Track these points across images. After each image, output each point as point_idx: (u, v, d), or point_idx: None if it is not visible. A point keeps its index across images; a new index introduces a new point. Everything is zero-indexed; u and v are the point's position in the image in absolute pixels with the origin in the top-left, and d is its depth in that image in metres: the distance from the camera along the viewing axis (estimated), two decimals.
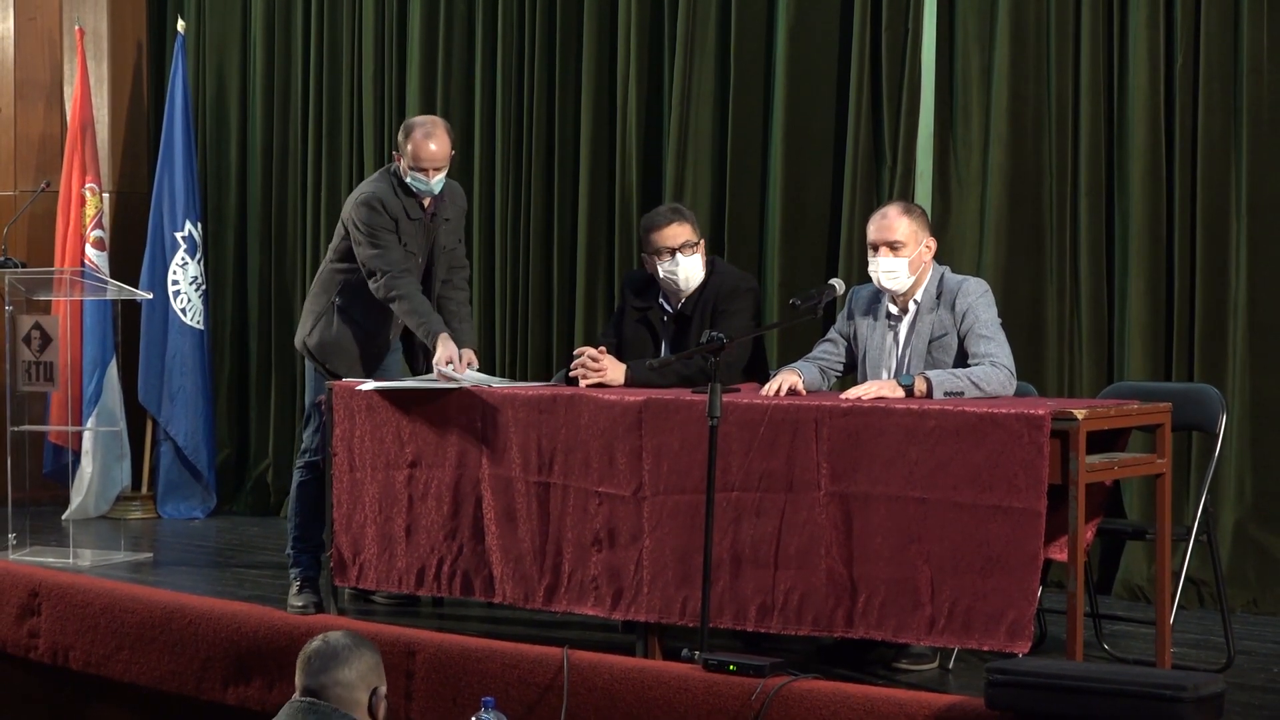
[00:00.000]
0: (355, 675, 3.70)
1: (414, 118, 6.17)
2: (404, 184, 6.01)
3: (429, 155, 5.94)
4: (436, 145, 5.95)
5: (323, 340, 6.14)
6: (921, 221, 5.25)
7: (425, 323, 5.87)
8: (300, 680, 3.72)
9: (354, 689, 3.69)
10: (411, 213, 6.01)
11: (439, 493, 5.57)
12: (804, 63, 7.10)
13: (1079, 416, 4.53)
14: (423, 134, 5.95)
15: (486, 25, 8.09)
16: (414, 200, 6.02)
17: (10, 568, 6.54)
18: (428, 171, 5.95)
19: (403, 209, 5.99)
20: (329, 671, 3.69)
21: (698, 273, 5.58)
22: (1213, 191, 6.24)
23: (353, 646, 3.74)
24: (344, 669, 3.69)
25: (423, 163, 5.94)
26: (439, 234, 6.11)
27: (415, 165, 5.95)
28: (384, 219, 5.95)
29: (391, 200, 5.99)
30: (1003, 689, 4.05)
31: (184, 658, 5.70)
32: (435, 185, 5.99)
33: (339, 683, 3.68)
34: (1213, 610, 5.85)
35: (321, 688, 3.68)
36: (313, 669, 3.71)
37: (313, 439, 6.13)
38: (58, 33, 9.21)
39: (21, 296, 7.57)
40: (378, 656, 3.80)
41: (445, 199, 6.11)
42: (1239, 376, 6.20)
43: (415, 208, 6.03)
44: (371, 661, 3.76)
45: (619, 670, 4.83)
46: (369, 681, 3.73)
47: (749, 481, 4.95)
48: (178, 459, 8.66)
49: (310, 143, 8.80)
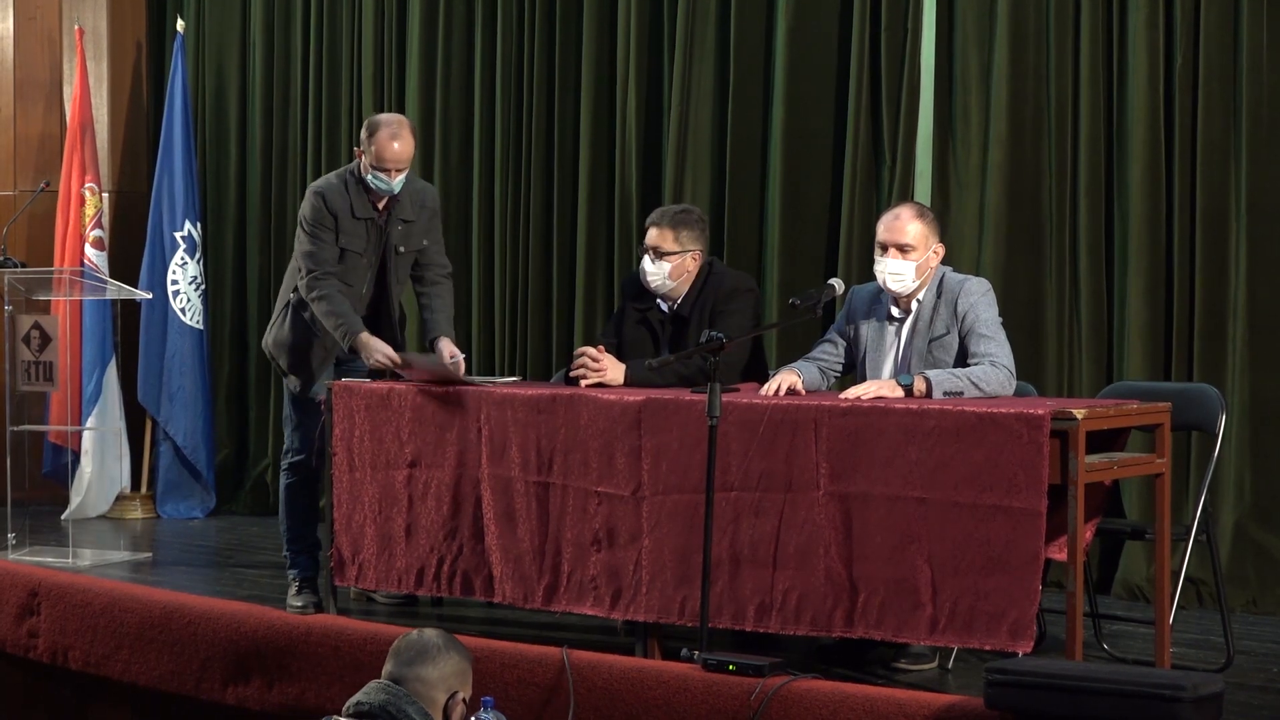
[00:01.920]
0: (437, 675, 3.81)
1: (379, 115, 6.08)
2: (361, 181, 5.96)
3: (392, 155, 5.88)
4: (400, 145, 5.89)
5: (276, 338, 6.12)
6: (933, 226, 5.23)
7: (343, 323, 5.85)
8: (387, 667, 3.84)
9: (433, 688, 3.79)
10: (358, 210, 5.95)
11: (439, 492, 5.57)
12: (804, 63, 7.10)
13: (1079, 416, 4.53)
14: (388, 134, 5.88)
15: (486, 25, 8.10)
16: (365, 199, 5.97)
17: (10, 567, 6.54)
18: (390, 171, 5.89)
19: (349, 206, 5.94)
20: (414, 665, 3.80)
21: (661, 279, 5.56)
22: (1212, 191, 6.24)
23: (443, 647, 3.85)
24: (428, 666, 3.80)
25: (385, 163, 5.88)
26: (393, 235, 6.03)
27: (377, 164, 5.89)
28: (323, 214, 5.92)
29: (337, 195, 5.95)
30: (1002, 689, 4.05)
31: (183, 657, 5.70)
32: (395, 185, 5.92)
33: (420, 678, 3.79)
34: (1212, 610, 5.85)
35: (404, 679, 3.79)
36: (401, 659, 3.83)
37: (292, 439, 6.12)
38: (57, 32, 9.21)
39: (21, 296, 7.57)
40: (468, 664, 3.90)
41: (405, 200, 6.03)
42: (1238, 376, 6.20)
43: (365, 206, 5.96)
44: (458, 666, 3.86)
45: (618, 670, 4.83)
46: (450, 684, 3.83)
47: (748, 481, 4.95)
48: (177, 459, 8.66)
49: (310, 143, 8.80)
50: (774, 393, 5.05)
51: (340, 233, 5.93)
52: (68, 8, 9.19)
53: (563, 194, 7.83)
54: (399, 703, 3.72)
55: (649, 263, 5.58)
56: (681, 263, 5.57)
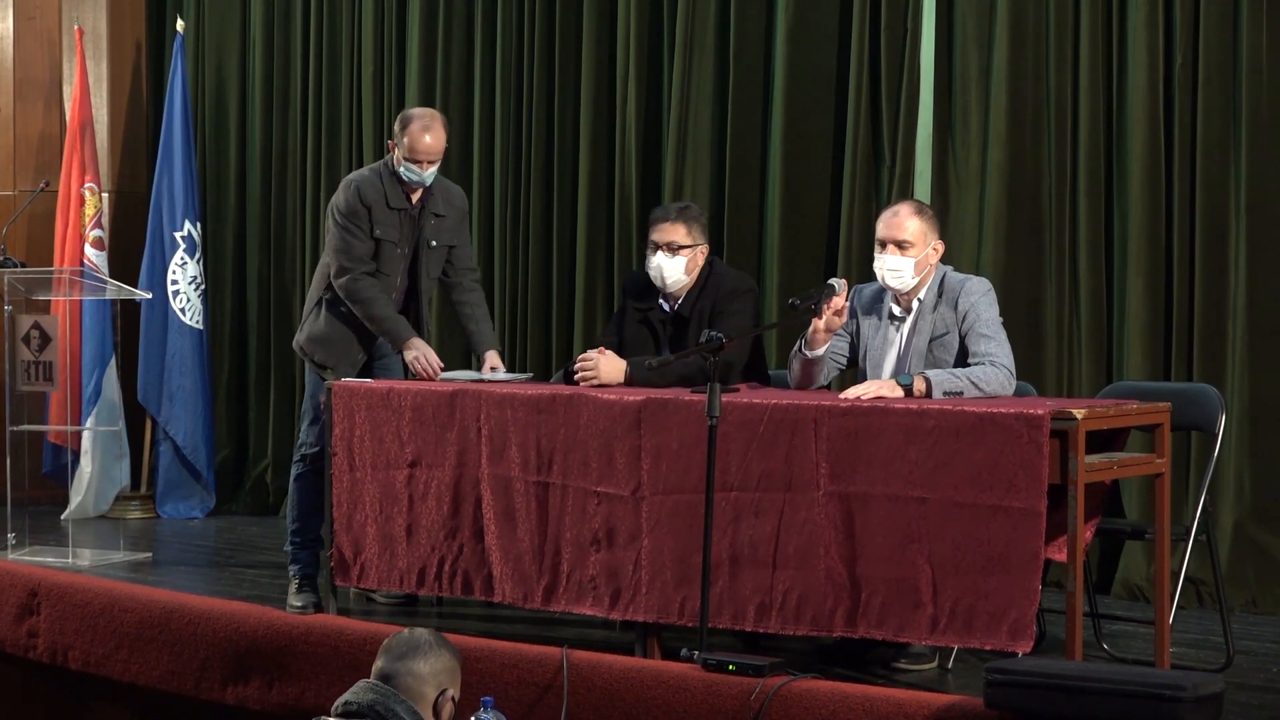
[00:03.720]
0: (428, 670, 3.81)
1: (412, 109, 6.22)
2: (395, 174, 6.06)
3: (424, 148, 5.98)
4: (433, 138, 6.00)
5: (310, 334, 6.19)
6: (932, 223, 5.24)
7: (391, 329, 6.01)
8: (376, 664, 3.85)
9: (424, 683, 3.80)
10: (393, 201, 6.06)
11: (439, 492, 5.57)
12: (803, 63, 7.10)
13: (1078, 416, 4.52)
14: (420, 126, 5.99)
15: (486, 25, 8.10)
16: (400, 190, 6.07)
17: (9, 567, 6.54)
18: (422, 164, 6.00)
19: (383, 196, 6.05)
20: (404, 660, 3.81)
21: (677, 275, 5.57)
22: (1212, 191, 6.24)
23: (434, 644, 3.86)
24: (419, 662, 3.81)
25: (418, 155, 5.98)
26: (426, 228, 6.13)
27: (410, 156, 5.99)
28: (357, 205, 6.02)
29: (371, 186, 6.05)
30: (1001, 689, 4.05)
31: (183, 657, 5.70)
32: (427, 177, 6.04)
33: (411, 673, 3.79)
34: (1212, 610, 5.85)
35: (394, 673, 3.80)
36: (392, 654, 3.84)
37: (308, 433, 6.15)
38: (57, 32, 9.21)
39: (21, 296, 7.57)
40: (457, 662, 3.91)
41: (437, 195, 6.14)
42: (1238, 376, 6.20)
43: (400, 197, 6.07)
44: (448, 664, 3.87)
45: (618, 670, 4.83)
46: (440, 681, 3.83)
47: (748, 481, 4.94)
48: (177, 459, 8.66)
49: (310, 143, 8.80)
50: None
51: (375, 223, 6.04)
52: (67, 8, 9.19)
53: (563, 194, 7.83)
54: (388, 702, 3.72)
55: (664, 259, 5.56)
56: (693, 257, 5.58)
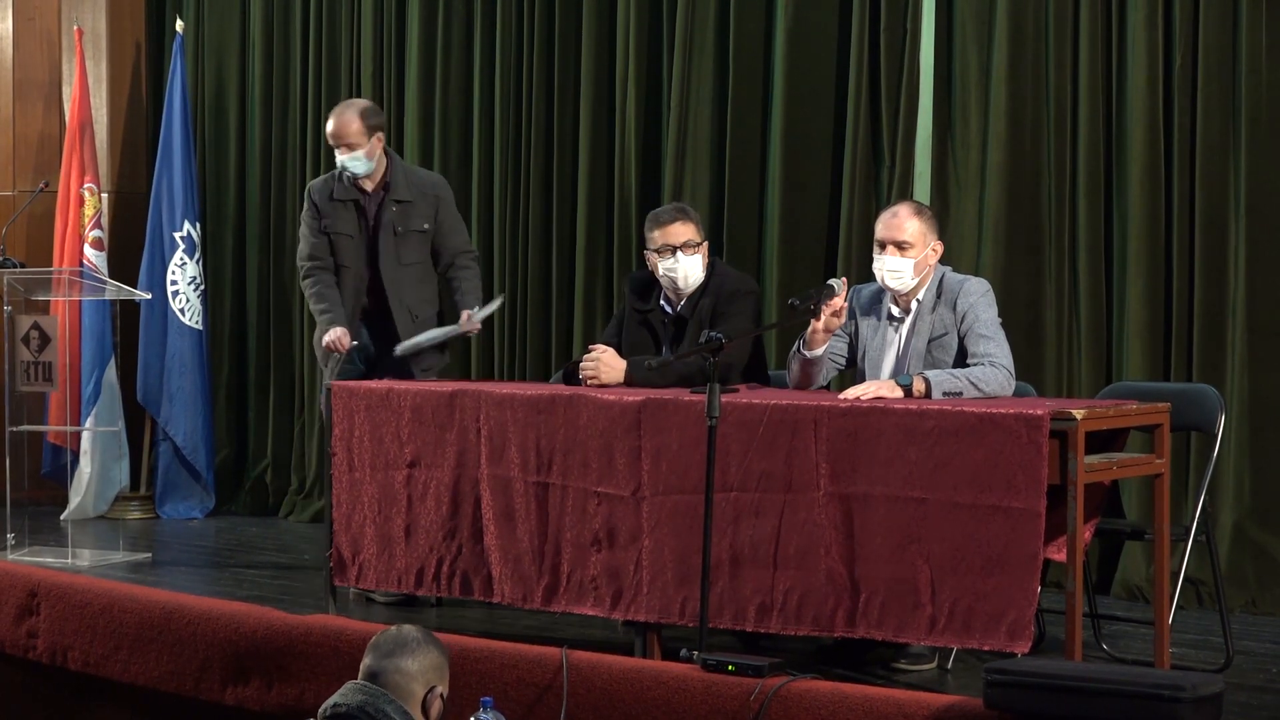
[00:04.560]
0: (416, 668, 3.81)
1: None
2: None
3: (329, 133, 6.28)
4: (333, 124, 6.27)
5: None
6: (931, 224, 5.24)
7: (327, 313, 6.27)
8: (364, 661, 3.84)
9: (412, 680, 3.80)
10: (338, 193, 6.30)
11: (438, 493, 5.57)
12: (803, 64, 7.10)
13: (1078, 417, 4.53)
14: (331, 114, 6.31)
15: (486, 25, 8.10)
16: (347, 183, 6.30)
17: (9, 568, 6.53)
18: (338, 149, 6.25)
19: (329, 191, 6.32)
20: (392, 657, 3.81)
21: (697, 273, 5.58)
22: (1211, 191, 6.24)
23: (421, 641, 3.86)
24: (407, 659, 3.81)
25: (329, 140, 6.28)
26: (385, 215, 6.29)
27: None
28: (309, 204, 6.36)
29: (321, 184, 6.39)
30: (1001, 689, 4.05)
31: (182, 658, 5.69)
32: (350, 162, 6.25)
33: (398, 670, 3.79)
34: (1211, 610, 5.85)
35: (382, 671, 3.79)
36: (380, 652, 3.83)
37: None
38: (56, 33, 9.21)
39: (20, 296, 7.57)
40: (445, 659, 3.91)
41: (400, 181, 6.31)
42: (1237, 377, 6.20)
43: (346, 190, 6.29)
44: (436, 661, 3.86)
45: (618, 670, 4.82)
46: (428, 678, 3.83)
47: (748, 481, 4.95)
48: (176, 459, 8.66)
49: (310, 143, 8.79)
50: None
51: (323, 217, 6.30)
52: (67, 8, 9.19)
53: (562, 194, 7.83)
54: (378, 702, 3.71)
55: (684, 258, 5.54)
56: (704, 252, 5.59)
